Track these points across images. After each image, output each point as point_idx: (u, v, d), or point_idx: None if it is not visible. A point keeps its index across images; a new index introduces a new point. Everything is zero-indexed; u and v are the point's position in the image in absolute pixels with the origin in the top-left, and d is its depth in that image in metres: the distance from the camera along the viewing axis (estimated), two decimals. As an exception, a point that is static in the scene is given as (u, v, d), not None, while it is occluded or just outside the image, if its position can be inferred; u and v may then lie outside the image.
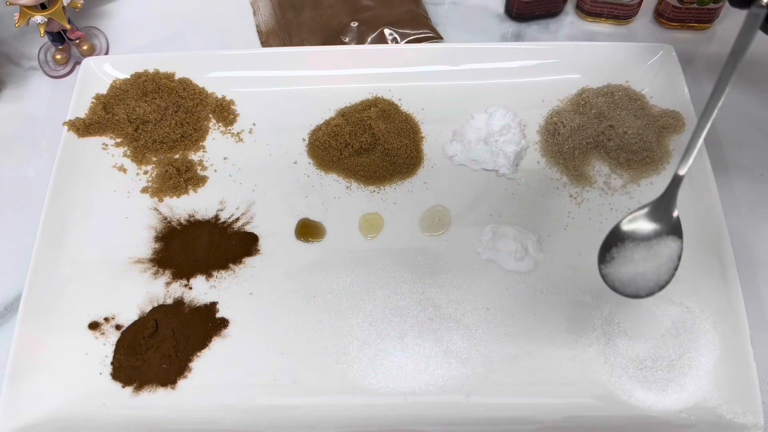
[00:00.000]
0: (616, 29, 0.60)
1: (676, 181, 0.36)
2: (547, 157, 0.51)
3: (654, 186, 0.49)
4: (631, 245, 0.35)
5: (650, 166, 0.49)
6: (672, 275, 0.34)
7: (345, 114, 0.52)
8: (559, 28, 0.60)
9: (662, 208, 0.36)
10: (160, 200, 0.49)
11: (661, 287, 0.34)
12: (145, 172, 0.51)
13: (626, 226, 0.36)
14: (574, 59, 0.53)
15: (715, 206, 0.46)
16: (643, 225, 0.36)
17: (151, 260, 0.47)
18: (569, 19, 0.61)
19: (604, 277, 0.35)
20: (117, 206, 0.49)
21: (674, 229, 0.35)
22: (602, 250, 0.35)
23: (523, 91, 0.53)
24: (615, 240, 0.36)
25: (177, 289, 0.46)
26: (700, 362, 0.42)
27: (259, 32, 0.60)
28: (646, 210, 0.36)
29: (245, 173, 0.51)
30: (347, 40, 0.57)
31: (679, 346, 0.43)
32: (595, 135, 0.50)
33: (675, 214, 0.36)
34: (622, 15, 0.59)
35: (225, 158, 0.51)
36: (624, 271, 0.35)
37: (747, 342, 0.42)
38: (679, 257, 0.34)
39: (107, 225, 0.48)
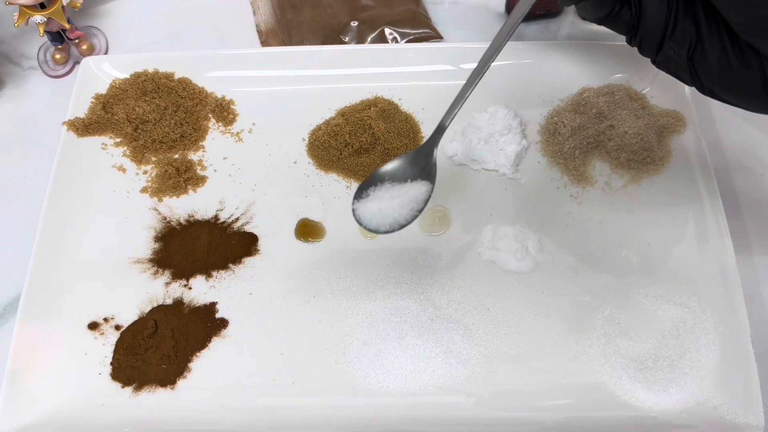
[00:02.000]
0: (617, 29, 0.60)
1: (440, 130, 0.38)
2: (547, 157, 0.51)
3: (655, 186, 0.49)
4: (388, 186, 0.37)
5: (651, 166, 0.49)
6: (414, 216, 0.36)
7: (345, 114, 0.52)
8: (560, 28, 0.60)
9: (422, 155, 0.38)
10: (160, 200, 0.49)
11: (401, 225, 0.36)
12: (145, 172, 0.51)
13: (384, 168, 0.38)
14: (575, 59, 0.53)
15: (717, 207, 0.46)
16: (400, 168, 0.38)
17: (151, 260, 0.47)
18: (569, 18, 0.61)
19: (353, 211, 0.37)
20: (116, 206, 0.49)
21: (427, 174, 0.38)
22: (360, 188, 0.38)
23: (523, 90, 0.53)
24: (375, 180, 0.38)
25: (176, 290, 0.46)
26: (700, 362, 0.42)
27: (259, 32, 0.60)
28: (406, 156, 0.38)
29: (245, 173, 0.51)
30: (347, 39, 0.57)
31: (680, 347, 0.43)
32: (596, 135, 0.50)
33: (433, 159, 0.38)
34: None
35: (225, 158, 0.51)
36: (371, 206, 0.37)
37: (748, 342, 0.42)
38: (426, 200, 0.37)
39: (107, 225, 0.48)
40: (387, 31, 0.57)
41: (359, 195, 0.38)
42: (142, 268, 0.46)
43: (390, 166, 0.38)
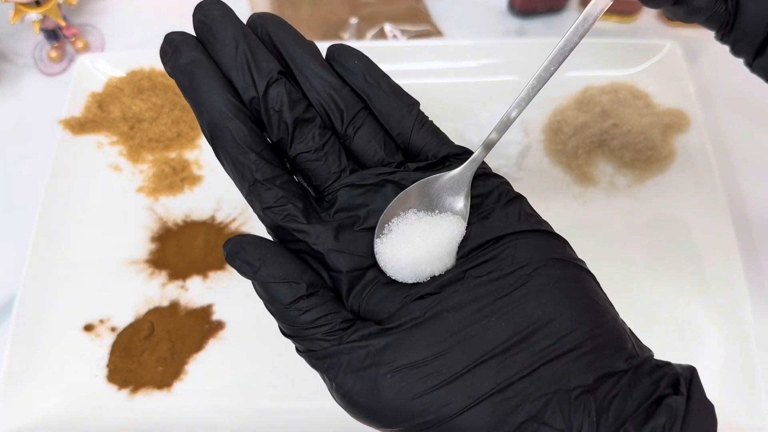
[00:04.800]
0: (621, 26, 0.59)
1: (480, 154, 0.30)
2: (550, 156, 0.50)
3: (659, 185, 0.48)
4: (413, 218, 0.29)
5: (655, 165, 0.49)
6: (445, 264, 0.28)
7: (344, 112, 0.51)
8: (563, 25, 0.59)
9: (456, 184, 0.30)
10: (156, 200, 0.49)
11: (432, 276, 0.28)
12: (141, 171, 0.50)
13: (407, 198, 0.29)
14: (578, 56, 0.53)
15: (721, 206, 0.46)
16: (426, 197, 0.30)
17: (147, 261, 0.46)
18: (573, 15, 0.60)
19: (376, 254, 0.29)
20: (112, 206, 0.48)
21: (458, 207, 0.30)
22: (382, 220, 0.29)
23: (525, 88, 0.53)
24: (397, 210, 0.29)
25: (173, 291, 0.45)
26: (705, 364, 0.42)
27: (257, 29, 0.60)
28: (433, 180, 0.30)
29: (243, 172, 0.50)
30: (346, 36, 0.56)
31: (684, 348, 0.42)
32: (600, 133, 0.49)
33: (468, 191, 0.30)
34: (627, 11, 0.58)
35: (222, 157, 0.51)
36: (399, 253, 0.28)
37: (752, 343, 0.41)
38: (459, 243, 0.29)
39: (103, 225, 0.48)
40: (387, 27, 0.56)
41: (380, 230, 0.29)
42: (138, 269, 0.46)
43: (415, 197, 0.30)
